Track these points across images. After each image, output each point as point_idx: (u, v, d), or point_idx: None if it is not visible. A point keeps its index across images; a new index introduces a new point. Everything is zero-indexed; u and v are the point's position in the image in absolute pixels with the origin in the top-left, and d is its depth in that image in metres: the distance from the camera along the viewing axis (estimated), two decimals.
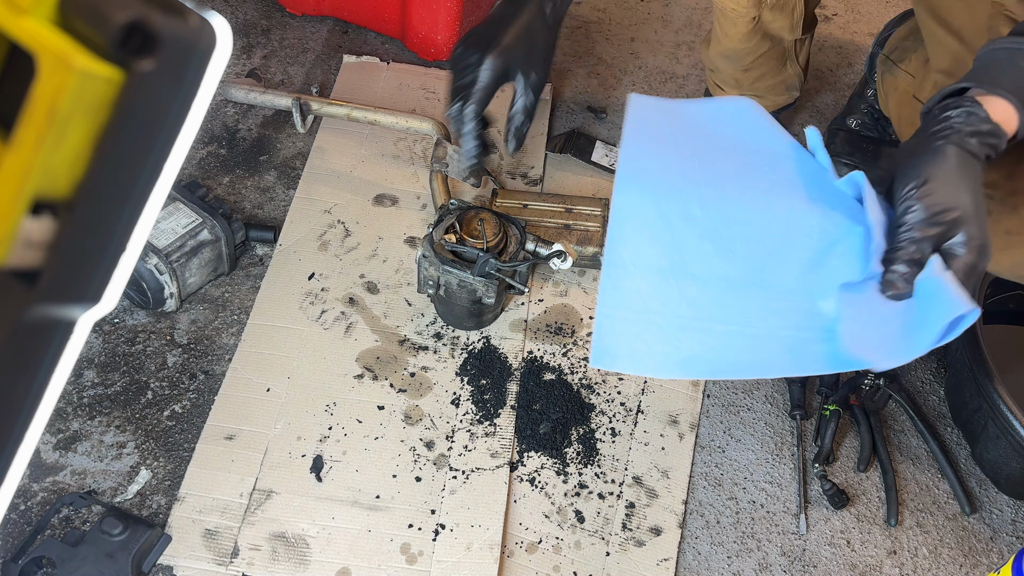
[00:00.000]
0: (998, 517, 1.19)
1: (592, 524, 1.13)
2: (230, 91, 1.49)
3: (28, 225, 0.34)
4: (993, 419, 1.13)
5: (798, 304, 0.86)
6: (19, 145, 0.33)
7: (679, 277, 0.87)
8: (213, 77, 0.36)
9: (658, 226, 0.87)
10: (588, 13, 1.78)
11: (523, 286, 1.23)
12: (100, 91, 0.33)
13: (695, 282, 0.87)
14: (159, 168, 0.37)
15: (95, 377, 1.20)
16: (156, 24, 0.33)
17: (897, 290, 0.82)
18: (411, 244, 1.37)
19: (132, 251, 0.39)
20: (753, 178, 0.91)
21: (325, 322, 1.28)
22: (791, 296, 0.87)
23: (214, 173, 1.44)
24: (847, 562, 1.14)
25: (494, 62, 1.06)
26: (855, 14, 1.85)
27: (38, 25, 0.33)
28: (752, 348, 0.86)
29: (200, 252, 1.25)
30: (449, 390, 1.23)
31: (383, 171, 1.45)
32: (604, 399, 1.23)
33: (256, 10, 1.70)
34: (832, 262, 0.87)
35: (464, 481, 1.14)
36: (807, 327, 0.86)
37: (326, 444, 1.16)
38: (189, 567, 1.05)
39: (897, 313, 0.83)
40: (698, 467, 1.20)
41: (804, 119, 1.64)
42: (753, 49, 1.33)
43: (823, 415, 1.23)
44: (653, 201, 0.87)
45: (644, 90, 1.65)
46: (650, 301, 0.87)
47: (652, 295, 0.87)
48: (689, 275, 0.87)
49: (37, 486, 1.10)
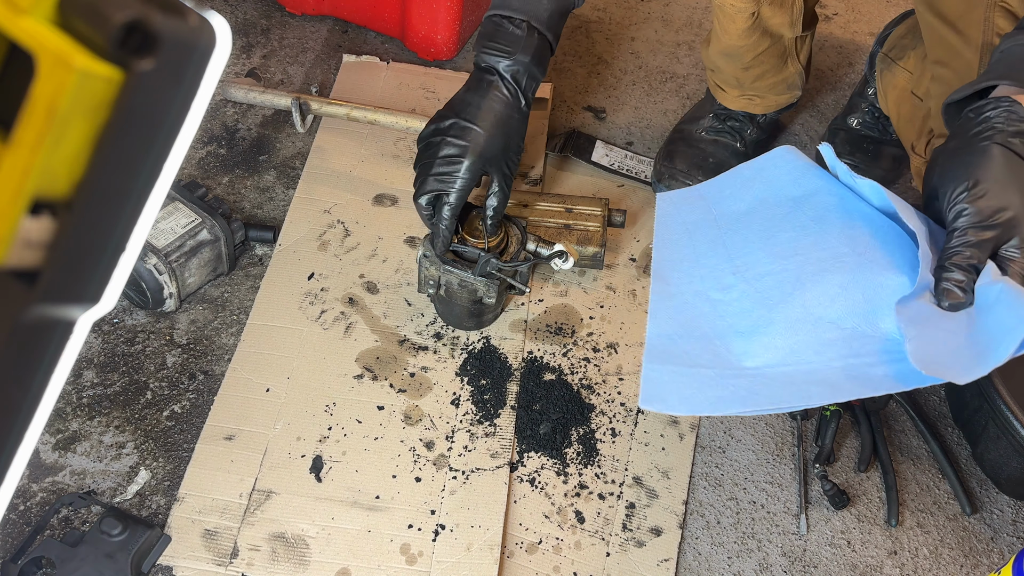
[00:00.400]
0: (999, 517, 1.19)
1: (592, 524, 1.13)
2: (230, 91, 1.49)
3: (27, 225, 0.34)
4: (994, 419, 1.13)
5: (851, 330, 0.85)
6: (18, 145, 0.33)
7: (724, 338, 0.91)
8: (213, 77, 0.36)
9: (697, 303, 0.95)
10: (588, 13, 1.78)
11: (524, 286, 1.23)
12: (99, 91, 0.33)
13: (741, 338, 0.90)
14: (158, 168, 0.37)
15: (94, 377, 1.20)
16: (156, 24, 0.33)
17: (956, 299, 0.80)
18: (411, 244, 1.37)
19: (131, 251, 0.38)
20: (779, 228, 0.95)
21: (325, 322, 1.27)
22: (841, 324, 0.86)
23: (213, 173, 1.44)
24: (848, 562, 1.13)
25: (474, 164, 1.12)
26: (856, 14, 1.85)
27: (37, 25, 0.33)
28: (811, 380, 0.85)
29: (199, 252, 1.25)
30: (449, 390, 1.22)
31: (383, 171, 1.45)
32: (604, 399, 1.23)
33: (256, 10, 1.70)
34: (877, 279, 0.86)
35: (464, 481, 1.14)
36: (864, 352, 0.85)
37: (326, 444, 1.16)
38: (188, 567, 1.05)
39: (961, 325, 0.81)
40: (698, 467, 1.20)
41: (804, 119, 1.64)
42: (753, 46, 1.33)
43: (824, 415, 1.23)
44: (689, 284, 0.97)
45: (644, 90, 1.65)
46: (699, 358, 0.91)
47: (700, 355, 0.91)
48: (735, 332, 0.91)
49: (36, 486, 1.10)
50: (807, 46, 1.40)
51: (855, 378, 0.84)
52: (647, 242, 1.39)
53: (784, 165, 1.01)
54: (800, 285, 0.89)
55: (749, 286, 0.93)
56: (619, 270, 1.37)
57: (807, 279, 0.89)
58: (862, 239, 0.88)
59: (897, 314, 0.82)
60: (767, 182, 1.01)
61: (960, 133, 0.86)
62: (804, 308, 0.88)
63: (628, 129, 1.58)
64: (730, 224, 1.00)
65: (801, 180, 0.98)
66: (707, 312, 0.94)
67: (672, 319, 0.96)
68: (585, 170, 1.50)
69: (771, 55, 1.36)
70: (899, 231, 0.90)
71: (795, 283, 0.90)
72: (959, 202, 0.82)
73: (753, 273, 0.94)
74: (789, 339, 0.88)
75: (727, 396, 0.87)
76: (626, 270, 1.37)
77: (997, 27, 1.05)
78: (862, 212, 0.92)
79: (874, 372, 0.84)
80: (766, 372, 0.87)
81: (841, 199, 0.94)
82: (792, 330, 0.88)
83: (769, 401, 0.86)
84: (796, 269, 0.90)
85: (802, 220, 0.94)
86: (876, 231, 0.90)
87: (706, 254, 0.99)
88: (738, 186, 1.03)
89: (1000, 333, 0.78)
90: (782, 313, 0.89)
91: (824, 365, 0.85)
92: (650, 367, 0.92)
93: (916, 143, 1.29)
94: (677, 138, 1.51)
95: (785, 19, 1.29)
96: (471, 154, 1.11)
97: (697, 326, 0.94)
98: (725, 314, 0.93)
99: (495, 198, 1.17)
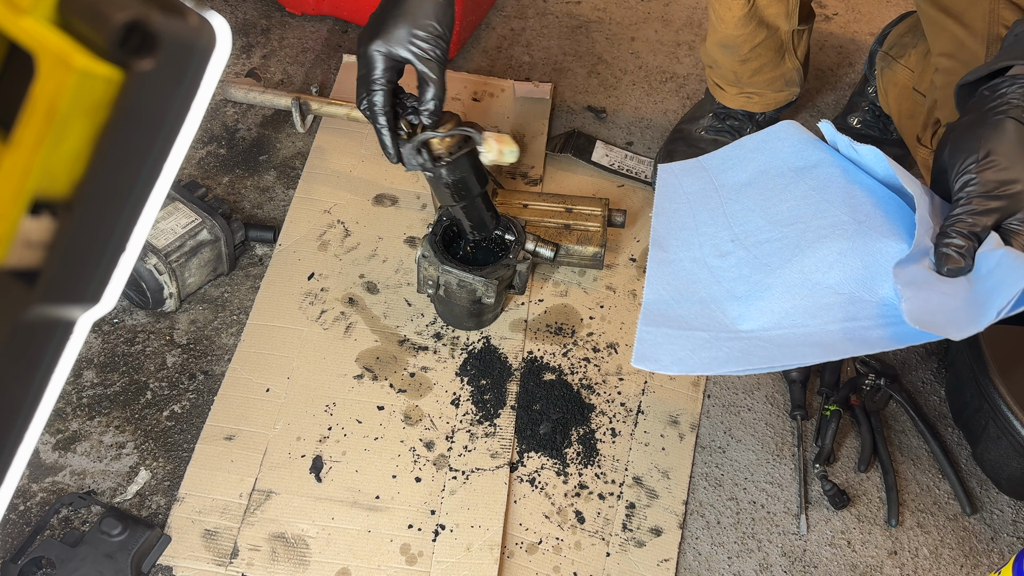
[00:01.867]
0: (999, 517, 1.19)
1: (592, 524, 1.13)
2: (230, 91, 1.49)
3: (27, 225, 0.34)
4: (994, 419, 1.13)
5: (848, 295, 0.86)
6: (18, 145, 0.33)
7: (720, 302, 0.92)
8: (212, 77, 0.36)
9: (695, 269, 0.96)
10: (588, 13, 1.78)
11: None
12: (99, 91, 0.33)
13: (738, 302, 0.91)
14: (158, 168, 0.37)
15: (94, 377, 1.20)
16: (155, 24, 0.33)
17: (954, 264, 0.80)
18: (411, 244, 1.37)
19: (131, 251, 0.38)
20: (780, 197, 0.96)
21: (325, 322, 1.27)
22: (838, 289, 0.87)
23: (213, 173, 1.44)
24: (848, 562, 1.13)
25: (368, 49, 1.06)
26: (855, 13, 1.85)
27: (37, 25, 0.33)
28: (807, 342, 0.86)
29: (199, 252, 1.25)
30: (449, 390, 1.22)
31: (383, 171, 1.45)
32: (604, 399, 1.23)
33: (256, 10, 1.70)
34: (876, 246, 0.86)
35: (464, 481, 1.14)
36: (861, 316, 0.86)
37: (326, 444, 1.16)
38: (188, 567, 1.05)
39: (960, 288, 0.81)
40: (698, 467, 1.20)
41: (804, 119, 1.64)
42: (749, 37, 1.33)
43: (824, 415, 1.23)
44: (687, 251, 0.98)
45: (644, 90, 1.65)
46: (694, 322, 0.91)
47: (695, 319, 0.92)
48: (731, 297, 0.92)
49: (36, 486, 1.10)
50: (804, 42, 1.40)
51: (851, 340, 0.85)
52: (647, 242, 1.39)
53: (787, 138, 1.01)
54: (799, 251, 0.90)
55: (748, 253, 0.94)
56: (619, 270, 1.37)
57: (806, 246, 0.90)
58: (862, 207, 0.89)
59: (894, 276, 0.82)
60: (770, 154, 1.01)
61: (974, 109, 0.86)
62: (802, 274, 0.88)
63: (628, 129, 1.58)
64: (731, 194, 1.00)
65: (803, 152, 0.99)
66: (704, 278, 0.95)
67: (669, 284, 0.97)
68: (585, 170, 1.50)
69: (768, 48, 1.36)
70: (900, 201, 0.91)
71: (794, 250, 0.90)
72: (967, 172, 0.81)
73: (752, 240, 0.94)
74: (786, 303, 0.88)
75: (721, 356, 0.88)
76: (626, 270, 1.37)
77: (1002, 18, 1.05)
78: (863, 182, 0.93)
79: (870, 335, 0.84)
80: (761, 335, 0.88)
81: (843, 170, 0.95)
82: (789, 295, 0.89)
83: (763, 360, 0.87)
84: (796, 236, 0.91)
85: (803, 189, 0.94)
86: (877, 200, 0.91)
87: (706, 222, 1.00)
88: (740, 158, 1.04)
89: (997, 292, 0.78)
90: (780, 279, 0.90)
91: (820, 328, 0.86)
92: (645, 329, 0.93)
93: (922, 135, 1.29)
94: (677, 138, 1.51)
95: (781, 9, 1.30)
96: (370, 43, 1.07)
97: (694, 291, 0.95)
98: (722, 280, 0.94)
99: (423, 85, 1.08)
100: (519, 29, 1.73)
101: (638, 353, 0.91)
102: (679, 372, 0.92)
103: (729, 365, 0.88)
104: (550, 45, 1.71)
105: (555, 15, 1.77)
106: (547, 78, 1.64)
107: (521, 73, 1.65)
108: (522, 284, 1.25)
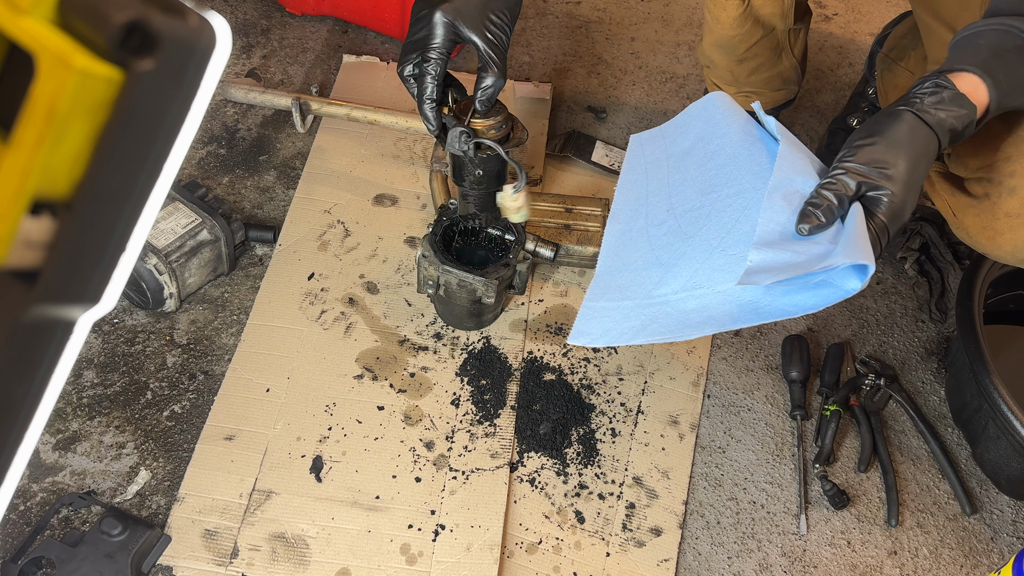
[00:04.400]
0: (999, 517, 1.19)
1: (592, 524, 1.13)
2: (230, 91, 1.49)
3: (27, 225, 0.34)
4: (994, 419, 1.13)
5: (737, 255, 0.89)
6: (18, 145, 0.33)
7: (650, 268, 0.97)
8: (213, 77, 0.36)
9: (638, 238, 1.01)
10: (588, 13, 1.78)
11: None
12: (99, 91, 0.33)
13: (660, 268, 0.96)
14: (159, 168, 0.37)
15: (94, 377, 1.20)
16: (156, 24, 0.33)
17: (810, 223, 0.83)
18: (411, 244, 1.37)
19: (131, 251, 0.38)
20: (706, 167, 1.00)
21: (325, 322, 1.27)
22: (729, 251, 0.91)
23: (214, 173, 1.44)
24: (848, 562, 1.13)
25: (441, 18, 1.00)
26: (855, 14, 1.85)
27: (37, 25, 0.33)
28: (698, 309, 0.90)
29: (199, 252, 1.25)
30: (449, 390, 1.22)
31: (383, 171, 1.45)
32: (604, 399, 1.23)
33: (256, 10, 1.70)
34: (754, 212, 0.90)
35: (464, 481, 1.14)
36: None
37: (326, 444, 1.16)
38: (188, 567, 1.05)
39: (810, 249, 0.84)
40: (698, 467, 1.20)
41: (804, 118, 1.64)
42: (746, 36, 1.33)
43: (824, 415, 1.23)
44: (635, 222, 1.03)
45: (644, 90, 1.65)
46: (627, 291, 0.97)
47: (630, 287, 0.97)
48: (658, 264, 0.97)
49: (36, 486, 1.10)
50: (801, 40, 1.40)
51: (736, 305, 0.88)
52: None
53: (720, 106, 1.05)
54: (708, 219, 0.94)
55: (676, 221, 0.98)
56: None
57: (714, 213, 0.94)
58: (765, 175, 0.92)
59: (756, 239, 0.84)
60: (705, 121, 1.05)
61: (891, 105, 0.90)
62: (706, 240, 0.93)
63: (628, 129, 1.58)
64: (676, 162, 1.05)
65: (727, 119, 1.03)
66: (643, 246, 1.00)
67: (617, 255, 1.01)
68: (585, 170, 1.50)
69: (764, 47, 1.36)
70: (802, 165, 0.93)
71: (707, 217, 0.95)
72: (849, 147, 0.86)
73: (681, 209, 0.99)
74: (691, 267, 0.92)
75: (636, 325, 0.92)
76: None
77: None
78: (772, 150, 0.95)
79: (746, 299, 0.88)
80: (669, 298, 0.92)
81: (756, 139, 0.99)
82: (695, 260, 0.93)
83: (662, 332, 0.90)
84: (710, 205, 0.96)
85: (723, 158, 0.99)
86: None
87: (655, 191, 1.04)
88: (687, 124, 1.08)
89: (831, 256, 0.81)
90: (693, 245, 0.94)
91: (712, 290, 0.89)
92: (586, 304, 0.98)
93: None
94: None
95: (776, 8, 1.30)
96: (438, 9, 1.02)
97: (633, 260, 0.99)
98: (655, 247, 0.98)
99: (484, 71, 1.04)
100: (519, 29, 1.73)
101: (575, 330, 0.96)
102: (605, 344, 0.95)
103: (640, 336, 0.92)
104: (550, 45, 1.71)
105: (555, 15, 1.77)
106: (547, 78, 1.64)
107: (521, 73, 1.65)
108: (522, 284, 1.25)
